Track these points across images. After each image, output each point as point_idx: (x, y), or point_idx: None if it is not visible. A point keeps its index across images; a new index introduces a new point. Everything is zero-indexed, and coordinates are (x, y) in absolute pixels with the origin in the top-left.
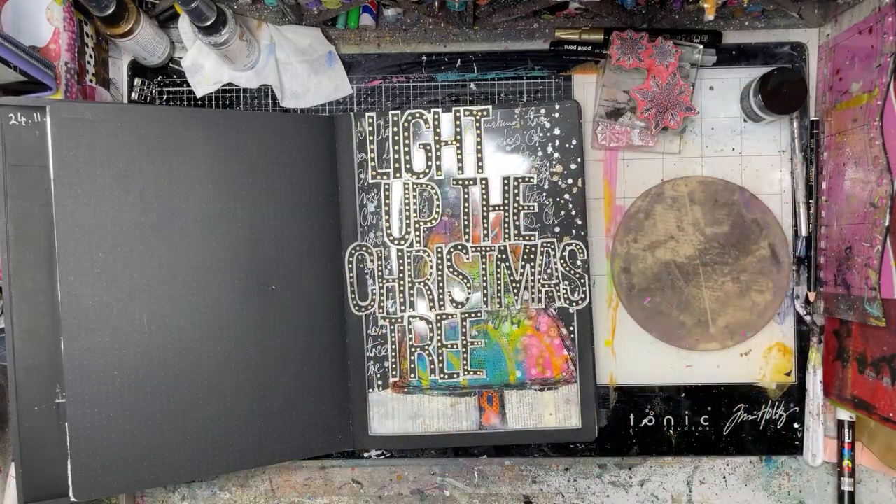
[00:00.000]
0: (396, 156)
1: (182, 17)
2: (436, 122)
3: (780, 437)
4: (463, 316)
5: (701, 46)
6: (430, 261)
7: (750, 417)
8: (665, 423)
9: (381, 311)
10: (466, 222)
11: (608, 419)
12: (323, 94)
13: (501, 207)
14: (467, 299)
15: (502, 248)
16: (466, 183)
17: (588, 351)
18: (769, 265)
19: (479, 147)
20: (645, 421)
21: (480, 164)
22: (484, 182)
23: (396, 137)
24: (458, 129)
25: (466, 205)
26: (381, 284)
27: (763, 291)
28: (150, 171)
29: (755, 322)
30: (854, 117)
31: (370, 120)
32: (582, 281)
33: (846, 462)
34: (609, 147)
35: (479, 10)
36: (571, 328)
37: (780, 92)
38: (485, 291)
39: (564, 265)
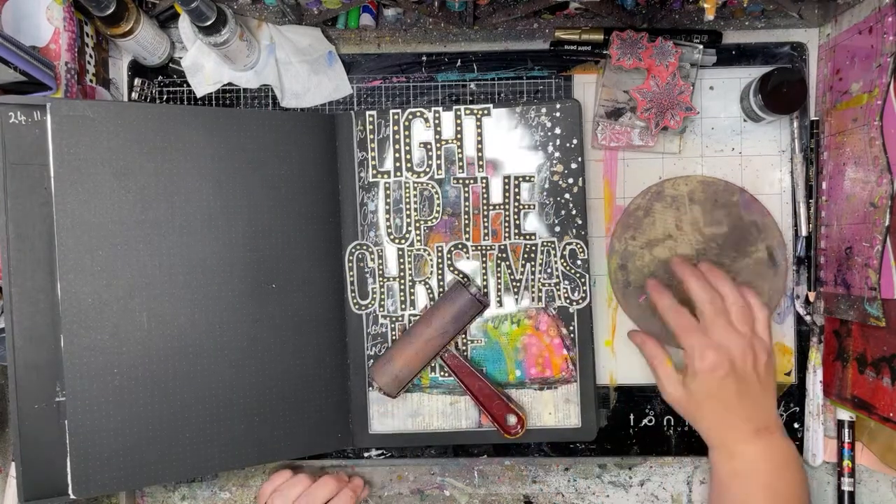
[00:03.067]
0: (397, 154)
1: (182, 17)
2: (436, 121)
3: None
4: None
5: (701, 46)
6: (431, 260)
7: None
8: (665, 423)
9: (381, 309)
10: (467, 221)
11: (608, 419)
12: (323, 94)
13: (502, 206)
14: None
15: (502, 247)
16: (467, 182)
17: (588, 350)
18: (765, 268)
19: (479, 146)
20: (645, 421)
21: (481, 163)
22: (484, 181)
23: (397, 136)
24: (459, 129)
25: (467, 204)
26: (381, 283)
27: (759, 294)
28: (151, 170)
29: None
30: (854, 117)
31: (370, 118)
32: (582, 280)
33: (846, 462)
34: (609, 147)
35: (479, 10)
36: (571, 328)
37: (780, 92)
38: (485, 291)
39: (565, 264)
